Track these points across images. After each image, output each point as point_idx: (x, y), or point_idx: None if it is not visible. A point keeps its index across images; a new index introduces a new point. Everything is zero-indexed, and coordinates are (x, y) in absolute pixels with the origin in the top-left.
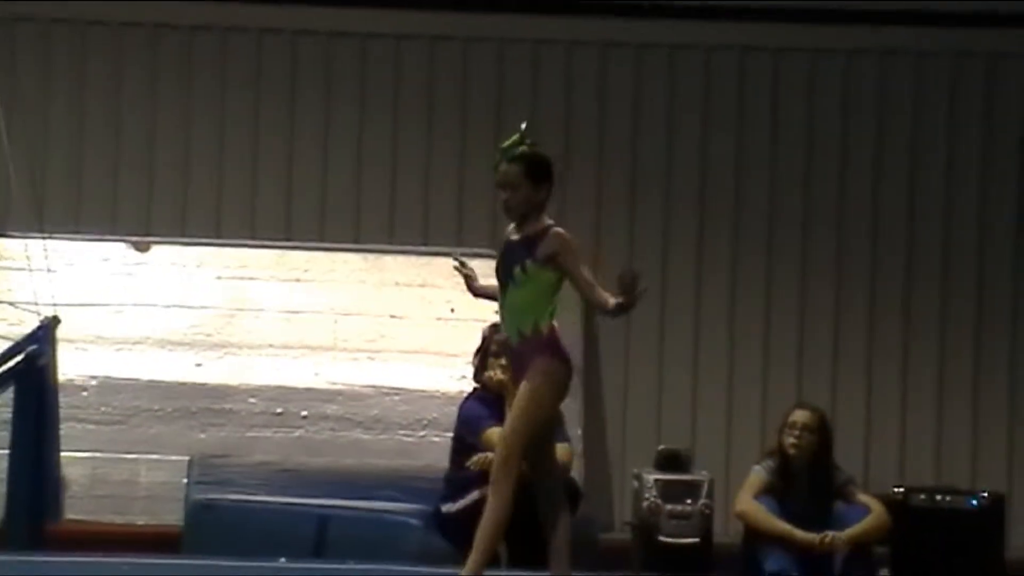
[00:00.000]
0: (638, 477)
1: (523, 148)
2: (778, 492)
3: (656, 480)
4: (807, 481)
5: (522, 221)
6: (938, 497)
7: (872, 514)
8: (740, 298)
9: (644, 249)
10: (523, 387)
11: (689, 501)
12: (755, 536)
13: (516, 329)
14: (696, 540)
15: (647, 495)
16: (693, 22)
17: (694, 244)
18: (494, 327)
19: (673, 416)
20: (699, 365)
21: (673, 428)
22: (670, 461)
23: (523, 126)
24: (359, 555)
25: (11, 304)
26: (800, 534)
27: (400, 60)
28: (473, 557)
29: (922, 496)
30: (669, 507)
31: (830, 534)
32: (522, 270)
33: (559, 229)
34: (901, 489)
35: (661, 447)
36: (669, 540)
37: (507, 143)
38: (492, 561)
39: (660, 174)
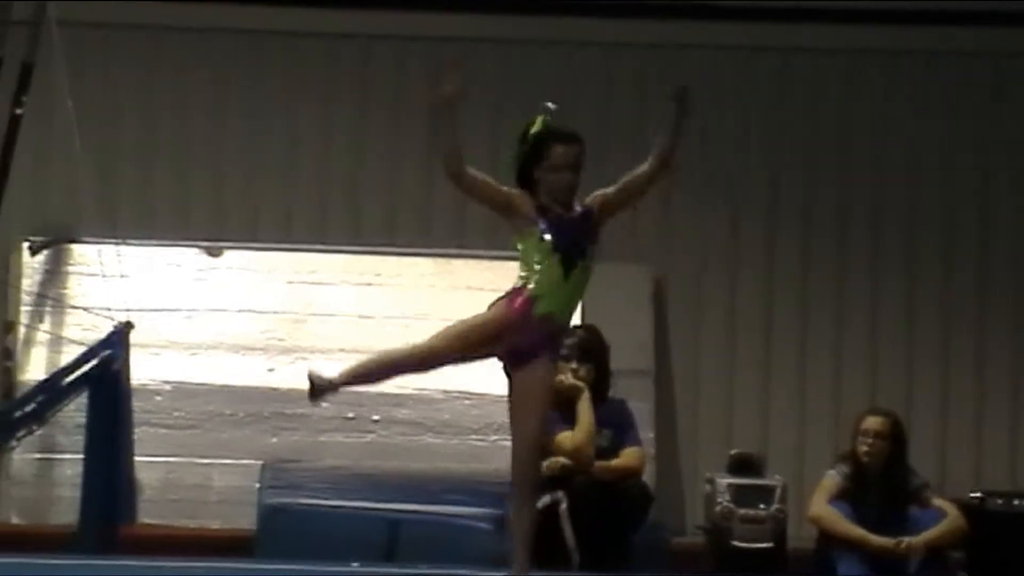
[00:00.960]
0: (710, 481)
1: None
2: (852, 497)
3: (729, 484)
4: (881, 486)
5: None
6: (1015, 502)
7: (947, 519)
8: (812, 300)
9: (714, 251)
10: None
11: (762, 505)
12: (829, 541)
13: (571, 312)
14: (769, 545)
15: (720, 499)
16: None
17: (764, 247)
18: None
19: (745, 419)
20: (771, 367)
21: (745, 432)
22: (743, 465)
23: (550, 106)
24: (430, 559)
25: (85, 309)
26: (875, 539)
27: (475, 64)
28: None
29: (999, 500)
30: (742, 511)
31: (905, 539)
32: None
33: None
34: (977, 494)
35: (733, 451)
36: (742, 545)
37: (541, 127)
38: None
39: (730, 176)
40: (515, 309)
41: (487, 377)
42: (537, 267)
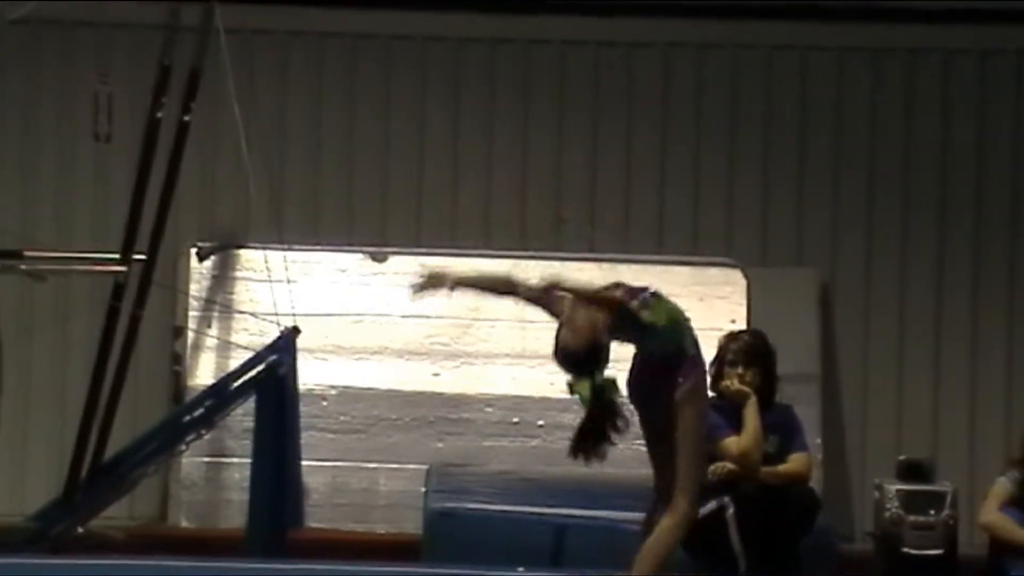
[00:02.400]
0: (879, 487)
1: None
2: None
3: (898, 490)
4: None
5: None
6: None
7: None
8: (983, 302)
9: (881, 253)
10: None
11: (932, 512)
12: (1001, 548)
13: None
14: (940, 552)
15: (889, 505)
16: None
17: (933, 249)
18: (730, 336)
19: (915, 424)
20: (941, 371)
21: (915, 437)
22: (912, 471)
23: None
24: (596, 564)
25: (252, 315)
26: None
27: (633, 67)
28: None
29: None
30: (912, 518)
31: None
32: None
33: None
34: None
35: (902, 456)
36: (912, 551)
37: None
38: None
39: (897, 177)
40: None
41: None
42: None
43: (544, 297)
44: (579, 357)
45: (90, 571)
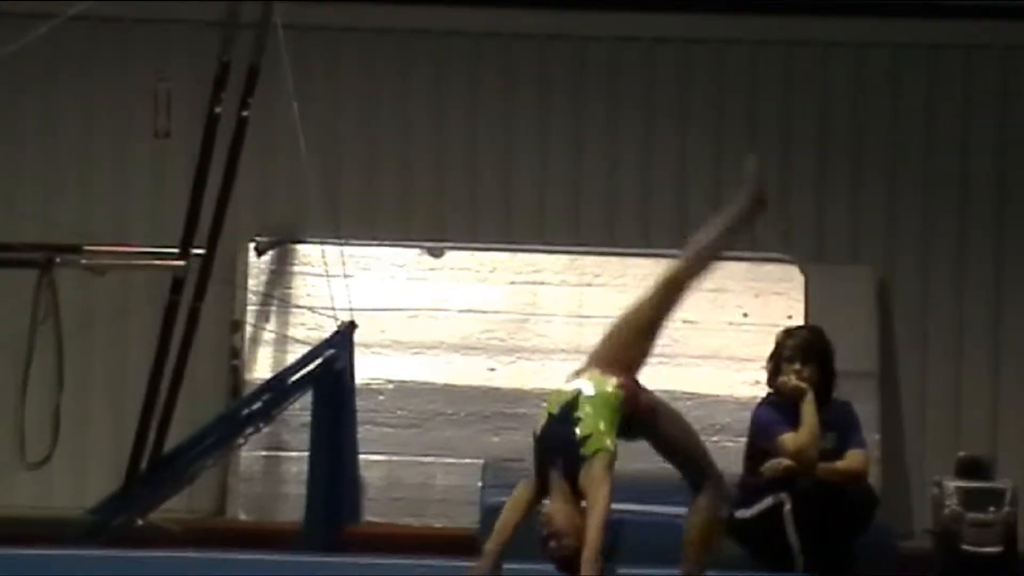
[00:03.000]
0: (938, 484)
1: None
2: None
3: (957, 487)
4: None
5: None
6: None
7: None
8: None
9: (938, 250)
10: None
11: (992, 508)
12: None
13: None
14: (999, 549)
15: (948, 502)
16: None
17: (991, 245)
18: (787, 332)
19: (973, 421)
20: (999, 368)
21: (973, 433)
22: (971, 467)
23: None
24: (653, 560)
25: (310, 309)
26: None
27: (686, 65)
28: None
29: None
30: (971, 515)
31: None
32: None
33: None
34: None
35: (961, 453)
36: (971, 549)
37: None
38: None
39: (955, 175)
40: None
41: (709, 378)
42: None
43: None
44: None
45: (148, 564)
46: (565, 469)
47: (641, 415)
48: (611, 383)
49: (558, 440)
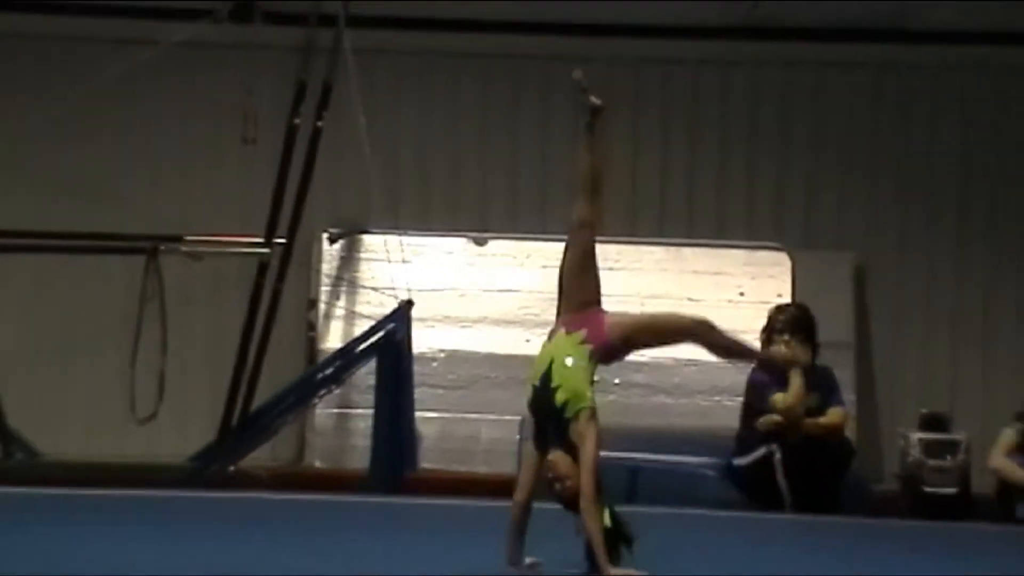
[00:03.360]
0: (904, 436)
1: None
2: None
3: (920, 439)
4: None
5: None
6: None
7: None
8: (997, 281)
9: (909, 239)
10: None
11: (949, 457)
12: (1007, 488)
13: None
14: (955, 491)
15: (912, 452)
16: None
17: (955, 234)
18: (778, 308)
19: (935, 383)
20: (957, 339)
21: (935, 394)
22: (932, 422)
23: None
24: (665, 502)
25: (374, 289)
26: None
27: (695, 85)
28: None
29: None
30: (931, 462)
31: None
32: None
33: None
34: None
35: (924, 410)
36: (932, 490)
37: None
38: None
39: (924, 176)
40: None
41: None
42: None
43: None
44: None
45: (239, 504)
46: (556, 431)
47: (613, 350)
48: (577, 340)
49: (545, 409)
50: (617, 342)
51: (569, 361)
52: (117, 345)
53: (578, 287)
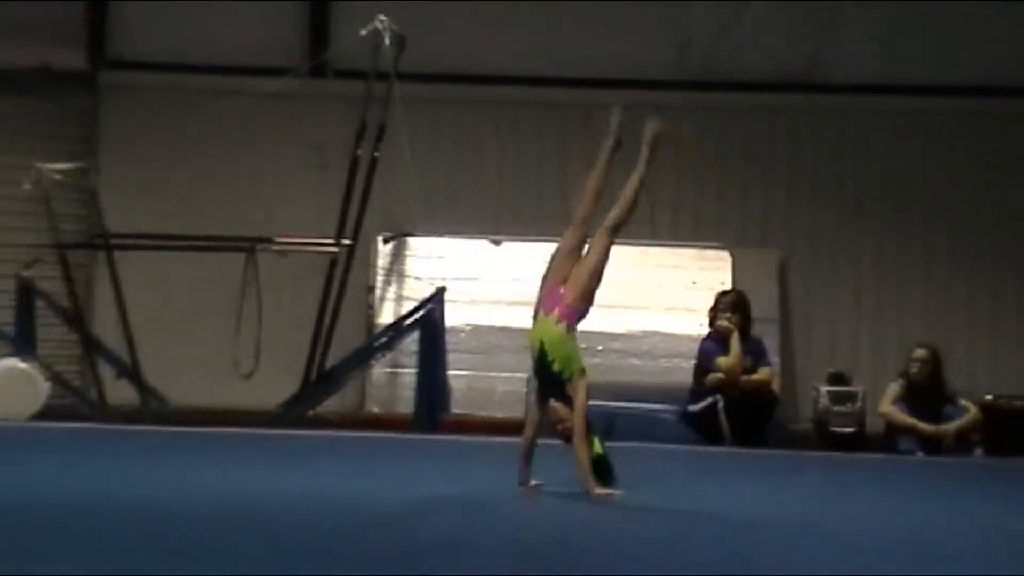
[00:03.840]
0: (816, 389)
1: None
2: (907, 399)
3: (827, 391)
4: (926, 392)
5: None
6: (1016, 402)
7: (970, 414)
8: (886, 273)
9: (819, 240)
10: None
11: (849, 404)
12: (893, 428)
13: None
14: (854, 430)
15: (821, 400)
16: None
17: (855, 233)
18: (722, 293)
19: (840, 349)
20: (859, 316)
21: (840, 357)
22: (837, 378)
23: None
24: (635, 439)
25: (416, 279)
26: (922, 426)
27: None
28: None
29: (1006, 400)
30: (836, 408)
31: (942, 427)
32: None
33: None
34: (990, 396)
35: (831, 369)
36: (836, 430)
37: None
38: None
39: (832, 186)
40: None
41: (672, 323)
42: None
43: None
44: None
45: (316, 440)
46: (557, 390)
47: (580, 311)
48: (554, 320)
49: (547, 376)
50: (578, 303)
51: (556, 341)
52: (225, 318)
53: (580, 281)
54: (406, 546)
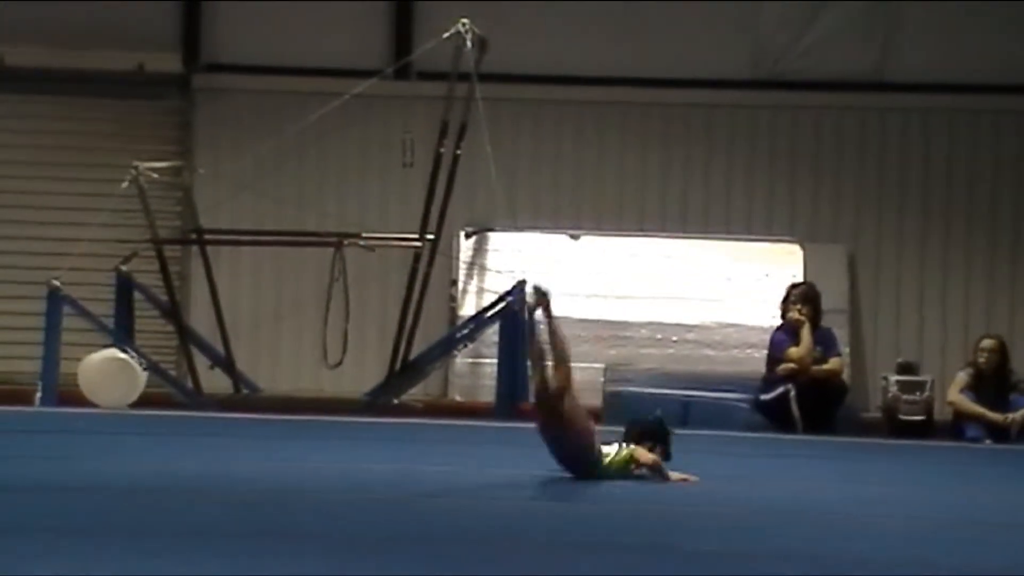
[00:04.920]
0: (885, 378)
1: None
2: (975, 388)
3: (896, 380)
4: (993, 382)
5: None
6: None
7: None
8: (951, 267)
9: (887, 235)
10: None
11: (918, 393)
12: (960, 416)
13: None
14: (922, 418)
15: (891, 389)
16: None
17: (921, 230)
18: (794, 285)
19: (908, 339)
20: (925, 308)
21: (908, 347)
22: (906, 368)
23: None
24: (709, 426)
25: (497, 271)
26: (989, 414)
27: (731, 126)
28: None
29: None
30: (905, 397)
31: (1009, 415)
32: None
33: None
34: None
35: (900, 359)
36: (905, 418)
37: None
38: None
39: (896, 185)
40: None
41: (746, 314)
42: None
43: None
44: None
45: (400, 427)
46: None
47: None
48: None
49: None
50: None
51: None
52: (314, 311)
53: (566, 432)
54: (489, 520)
